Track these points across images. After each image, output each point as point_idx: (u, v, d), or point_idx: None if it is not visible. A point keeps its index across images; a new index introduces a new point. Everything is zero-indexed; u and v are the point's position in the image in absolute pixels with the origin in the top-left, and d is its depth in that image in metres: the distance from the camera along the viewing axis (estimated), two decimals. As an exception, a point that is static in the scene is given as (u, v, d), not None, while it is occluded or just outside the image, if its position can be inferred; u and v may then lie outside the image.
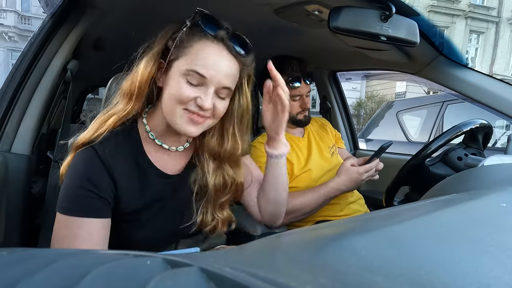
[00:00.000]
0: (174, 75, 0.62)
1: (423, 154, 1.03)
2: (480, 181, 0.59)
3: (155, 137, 0.69)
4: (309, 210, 1.08)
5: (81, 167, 0.61)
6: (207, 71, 0.60)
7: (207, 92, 0.61)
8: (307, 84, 1.20)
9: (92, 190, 0.60)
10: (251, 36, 0.67)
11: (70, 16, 0.94)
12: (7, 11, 14.60)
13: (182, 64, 0.61)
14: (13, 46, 14.70)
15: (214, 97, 0.62)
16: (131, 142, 0.67)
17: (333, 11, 0.77)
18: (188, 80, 0.61)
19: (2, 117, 0.85)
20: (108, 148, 0.62)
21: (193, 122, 0.62)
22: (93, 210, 0.60)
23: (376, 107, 11.95)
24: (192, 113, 0.62)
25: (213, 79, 0.61)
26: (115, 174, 0.62)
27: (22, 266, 0.19)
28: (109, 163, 0.62)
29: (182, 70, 0.61)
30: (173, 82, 0.62)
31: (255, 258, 0.25)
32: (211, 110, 0.63)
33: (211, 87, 0.61)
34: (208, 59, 0.61)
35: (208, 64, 0.60)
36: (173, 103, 0.62)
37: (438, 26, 14.30)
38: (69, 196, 0.60)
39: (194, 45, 0.61)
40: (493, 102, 1.01)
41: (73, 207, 0.59)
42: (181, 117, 0.62)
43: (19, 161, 0.87)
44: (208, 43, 0.62)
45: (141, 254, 0.21)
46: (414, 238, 0.29)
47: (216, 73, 0.61)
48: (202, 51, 0.61)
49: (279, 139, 0.74)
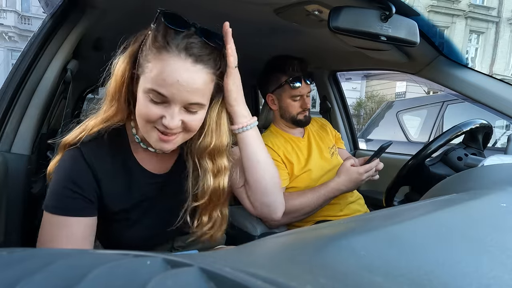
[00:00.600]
0: (140, 90, 0.59)
1: (423, 154, 1.03)
2: (480, 181, 0.59)
3: (140, 140, 0.68)
4: (309, 210, 1.08)
5: (66, 167, 0.62)
6: (167, 90, 0.55)
7: (172, 111, 0.57)
8: (308, 84, 1.20)
9: (75, 190, 0.61)
10: (251, 36, 0.67)
11: (70, 16, 0.94)
12: (7, 11, 14.60)
13: (144, 82, 0.57)
14: (13, 46, 14.70)
15: (182, 114, 0.58)
16: (118, 143, 0.67)
17: (333, 11, 0.77)
18: (152, 98, 0.56)
19: (2, 117, 0.85)
20: (93, 148, 0.63)
21: (163, 140, 0.59)
22: (77, 210, 0.61)
23: (376, 107, 11.95)
24: (161, 132, 0.59)
25: (176, 97, 0.56)
26: (99, 174, 0.63)
27: (22, 266, 0.19)
28: (92, 163, 0.62)
29: (145, 89, 0.57)
30: (140, 99, 0.59)
31: (255, 258, 0.25)
32: (182, 126, 0.59)
33: (176, 106, 0.57)
34: (168, 78, 0.55)
35: (166, 83, 0.55)
36: (141, 120, 0.59)
37: (438, 26, 14.30)
38: (54, 195, 0.61)
39: (153, 60, 0.56)
40: (493, 102, 1.01)
41: (58, 205, 0.60)
42: (151, 135, 0.60)
43: (19, 161, 0.87)
44: (168, 58, 0.55)
45: (141, 254, 0.21)
46: (414, 238, 0.29)
47: (178, 91, 0.55)
48: (162, 67, 0.55)
49: (236, 110, 0.68)
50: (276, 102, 1.24)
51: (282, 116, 1.24)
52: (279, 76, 1.19)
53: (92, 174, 0.63)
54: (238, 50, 0.72)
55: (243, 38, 1.17)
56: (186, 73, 0.55)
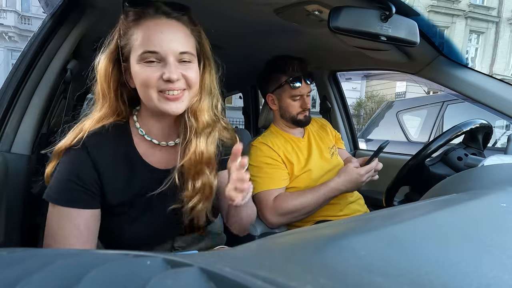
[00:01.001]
0: (134, 66, 0.63)
1: (423, 154, 1.03)
2: (480, 181, 0.59)
3: (145, 133, 0.70)
4: (309, 210, 1.08)
5: (68, 160, 0.64)
6: (156, 46, 0.61)
7: (168, 64, 0.62)
8: (308, 84, 1.20)
9: (77, 182, 0.63)
10: (251, 36, 0.67)
11: (70, 16, 0.94)
12: (7, 11, 14.60)
13: (135, 53, 0.63)
14: (13, 46, 14.70)
15: (178, 66, 0.63)
16: (121, 137, 0.69)
17: (333, 11, 0.77)
18: (146, 60, 0.62)
19: (2, 117, 0.85)
20: (96, 140, 0.65)
21: (171, 100, 0.63)
22: (79, 201, 0.63)
23: (376, 107, 11.96)
24: (167, 92, 0.62)
25: (166, 50, 0.61)
26: (100, 166, 0.65)
27: (22, 266, 0.19)
28: (94, 155, 0.64)
29: (137, 57, 0.62)
30: (137, 72, 0.63)
31: (255, 258, 0.25)
32: (183, 81, 0.64)
33: (169, 58, 0.62)
34: (152, 35, 0.61)
35: (154, 39, 0.61)
36: (146, 89, 0.63)
37: (438, 26, 14.30)
38: (57, 187, 0.63)
39: (135, 31, 0.63)
40: (493, 102, 1.01)
41: (61, 197, 0.63)
42: (159, 100, 0.63)
43: (19, 161, 0.87)
44: (146, 22, 0.63)
45: (141, 254, 0.21)
46: (414, 238, 0.29)
47: (165, 42, 0.61)
48: (144, 31, 0.62)
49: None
50: (276, 102, 1.24)
51: (282, 116, 1.24)
52: (279, 76, 1.19)
53: (94, 166, 0.64)
54: (238, 50, 0.72)
55: (243, 38, 1.17)
56: (165, 26, 0.63)
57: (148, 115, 0.70)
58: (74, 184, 0.63)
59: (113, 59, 0.66)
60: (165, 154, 0.73)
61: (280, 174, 1.14)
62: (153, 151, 0.71)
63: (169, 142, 0.73)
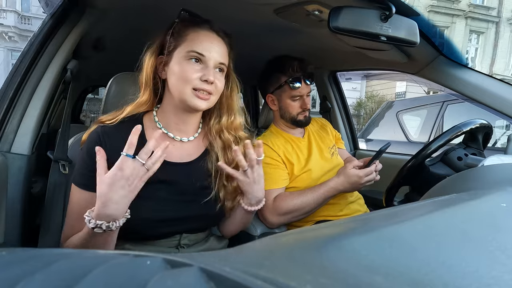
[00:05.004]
0: (177, 60, 0.73)
1: (423, 154, 1.03)
2: (480, 181, 0.59)
3: (162, 126, 0.79)
4: (309, 210, 1.08)
5: (86, 143, 0.73)
6: (204, 50, 0.73)
7: (208, 68, 0.73)
8: (308, 85, 1.20)
9: (89, 164, 0.69)
10: (251, 36, 0.67)
11: (70, 16, 0.94)
12: (7, 11, 14.59)
13: (182, 49, 0.73)
14: (13, 46, 14.70)
15: (214, 73, 0.74)
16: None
17: (333, 11, 0.77)
18: (190, 60, 0.72)
19: (2, 117, 0.85)
20: (111, 131, 0.73)
21: (200, 98, 0.73)
22: (91, 184, 0.66)
23: (376, 107, 11.96)
24: (200, 91, 0.72)
25: (210, 57, 0.73)
26: (108, 150, 0.67)
27: (22, 266, 0.19)
28: (104, 140, 0.72)
29: (184, 53, 0.73)
30: (178, 67, 0.73)
31: (255, 258, 0.25)
32: (213, 86, 0.74)
33: (210, 63, 0.73)
34: (203, 42, 0.73)
35: (203, 45, 0.73)
36: (182, 84, 0.72)
37: (438, 26, 14.30)
38: (77, 169, 0.73)
39: (189, 33, 0.74)
40: (493, 102, 1.01)
41: (78, 179, 0.71)
42: (190, 95, 0.73)
43: (19, 161, 0.87)
44: (200, 30, 0.75)
45: (141, 254, 0.21)
46: (414, 238, 0.29)
47: (211, 52, 0.73)
48: (197, 37, 0.74)
49: (259, 196, 0.81)
50: (276, 102, 1.24)
51: (282, 116, 1.24)
52: (279, 76, 1.19)
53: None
54: (238, 50, 0.74)
55: (243, 38, 1.17)
56: (215, 39, 0.76)
57: (170, 110, 0.78)
58: (85, 164, 0.70)
59: (156, 52, 0.77)
60: (178, 149, 0.79)
61: (280, 174, 1.14)
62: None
63: (183, 138, 0.80)
